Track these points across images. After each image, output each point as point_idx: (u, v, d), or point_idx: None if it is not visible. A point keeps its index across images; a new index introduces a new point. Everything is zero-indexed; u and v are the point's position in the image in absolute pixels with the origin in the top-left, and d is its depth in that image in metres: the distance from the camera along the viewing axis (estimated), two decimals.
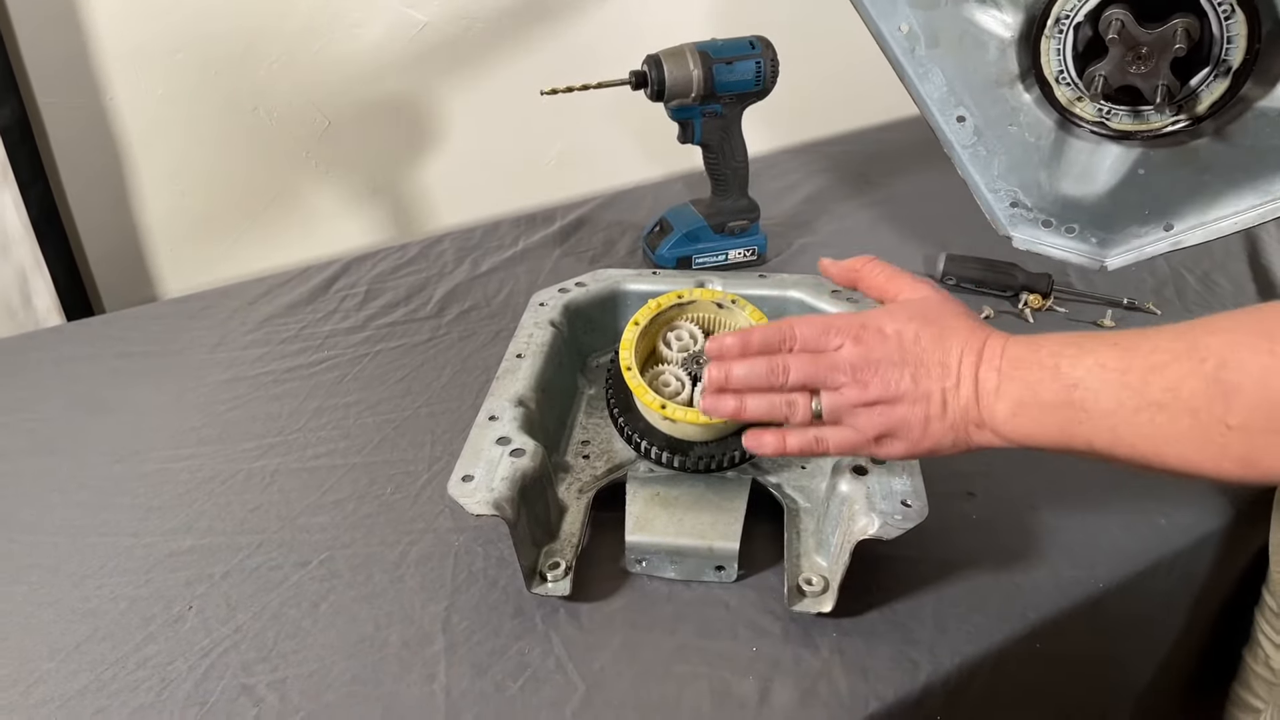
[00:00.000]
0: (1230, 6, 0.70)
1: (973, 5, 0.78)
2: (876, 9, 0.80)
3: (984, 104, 0.82)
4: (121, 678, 0.61)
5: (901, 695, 0.59)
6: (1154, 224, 0.82)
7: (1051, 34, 0.74)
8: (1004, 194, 0.84)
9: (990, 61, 0.79)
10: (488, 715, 0.57)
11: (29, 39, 0.98)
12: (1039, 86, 0.78)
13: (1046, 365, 0.50)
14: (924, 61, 0.81)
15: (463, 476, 0.63)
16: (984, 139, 0.82)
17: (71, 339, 0.98)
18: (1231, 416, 0.42)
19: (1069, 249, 0.84)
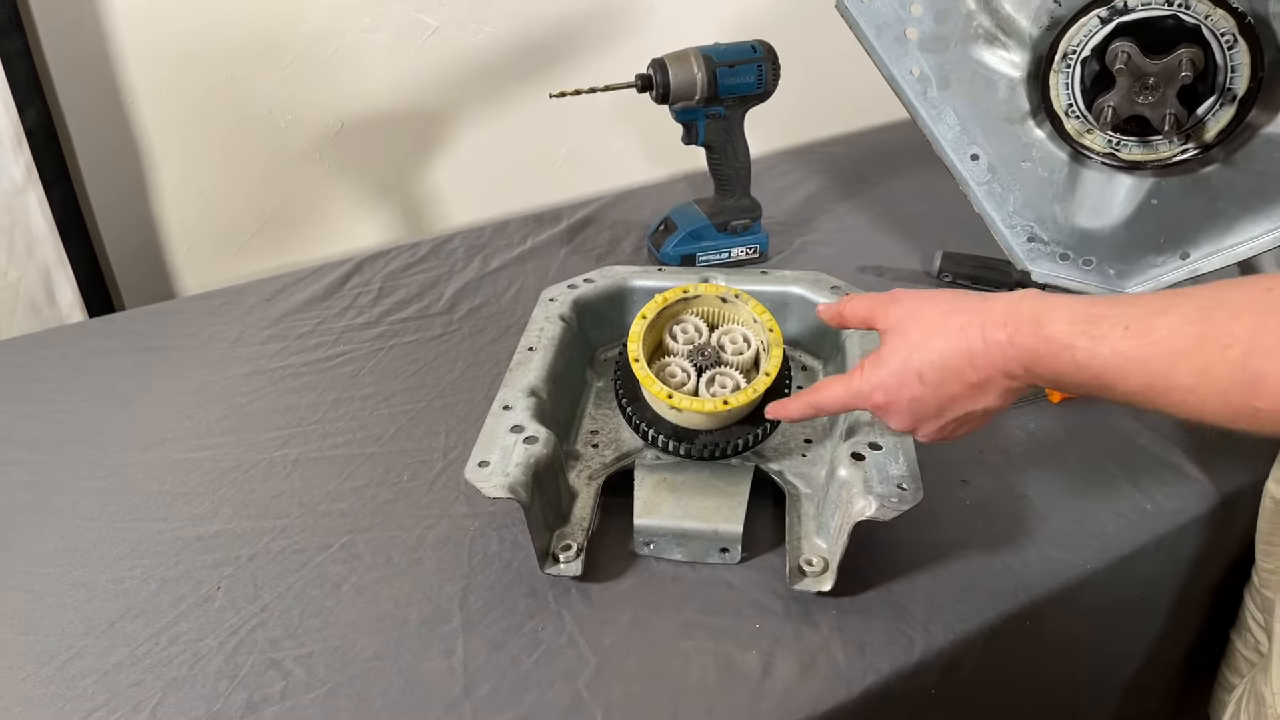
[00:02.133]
0: (1233, 36, 0.72)
1: (981, 47, 0.80)
2: (888, 54, 0.82)
3: (997, 141, 0.83)
4: (155, 653, 0.64)
5: (897, 669, 0.62)
6: (1170, 253, 0.83)
7: (1059, 69, 0.76)
8: (1021, 229, 0.85)
9: (1001, 100, 0.81)
10: (504, 687, 0.61)
11: (52, 44, 1.02)
12: (1050, 122, 0.80)
13: (1064, 359, 0.50)
14: (936, 103, 0.83)
15: (479, 462, 0.66)
16: (998, 176, 0.84)
17: (95, 334, 1.01)
18: (1259, 400, 0.43)
19: (1087, 282, 0.85)
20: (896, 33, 0.82)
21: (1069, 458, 0.79)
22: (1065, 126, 0.79)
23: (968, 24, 0.79)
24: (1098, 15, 0.73)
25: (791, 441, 0.77)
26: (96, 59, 1.05)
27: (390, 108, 1.22)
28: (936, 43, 0.81)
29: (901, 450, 0.66)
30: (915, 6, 0.80)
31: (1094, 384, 0.49)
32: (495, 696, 0.60)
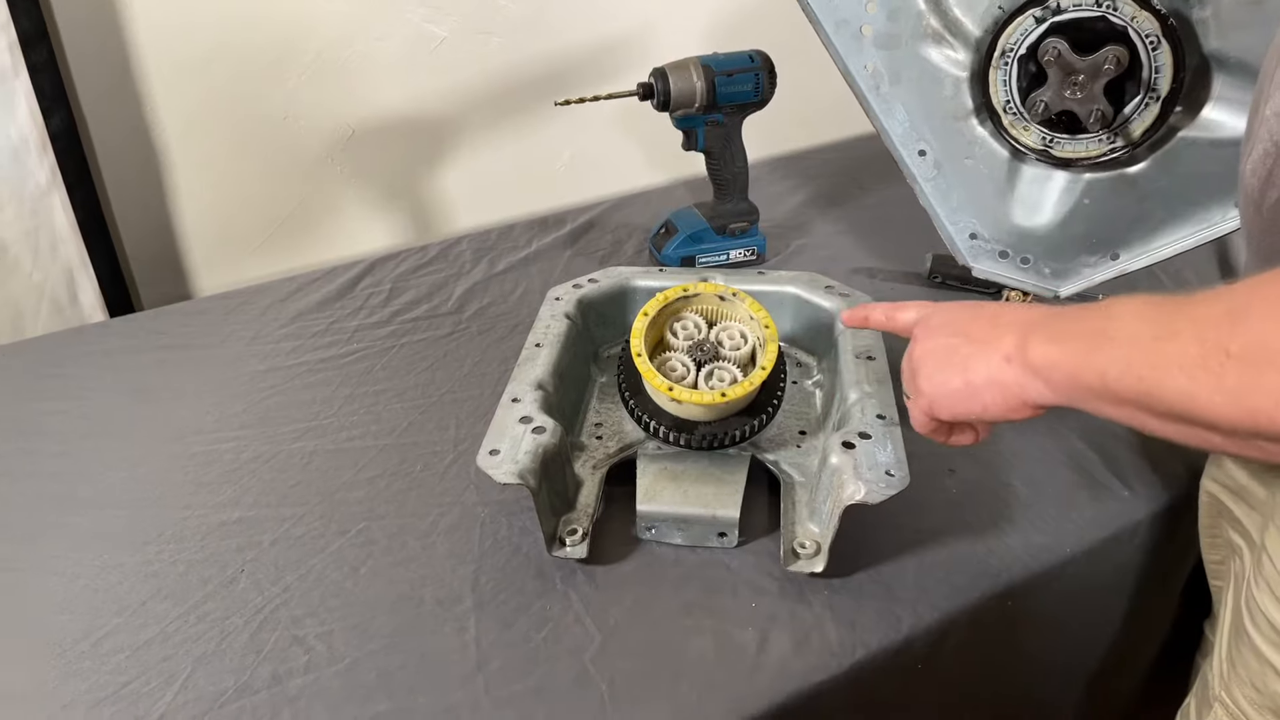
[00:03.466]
0: (1157, 38, 0.76)
1: (930, 46, 0.84)
2: (845, 49, 0.85)
3: (943, 137, 0.87)
4: (184, 630, 0.67)
5: (886, 645, 0.66)
6: (1101, 253, 0.88)
7: (998, 65, 0.80)
8: (963, 225, 0.89)
9: (947, 97, 0.85)
10: (515, 661, 0.64)
11: (76, 54, 1.05)
12: (990, 120, 0.84)
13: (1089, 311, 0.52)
14: (888, 98, 0.86)
15: (490, 451, 0.70)
16: (943, 171, 0.88)
17: (117, 333, 1.05)
18: (1234, 342, 0.43)
19: (1024, 280, 0.89)
20: (853, 29, 0.85)
21: (1051, 449, 0.83)
22: (1004, 123, 0.83)
23: (918, 23, 0.83)
24: (1033, 15, 0.77)
25: (787, 433, 0.80)
26: (117, 68, 1.08)
27: (400, 115, 1.26)
28: (889, 40, 0.85)
29: (890, 439, 0.70)
30: (871, 5, 0.83)
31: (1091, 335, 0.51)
32: (506, 670, 0.64)
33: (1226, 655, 0.64)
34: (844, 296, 0.88)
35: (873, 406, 0.73)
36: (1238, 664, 0.63)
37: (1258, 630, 0.60)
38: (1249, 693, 0.61)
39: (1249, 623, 0.61)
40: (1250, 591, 0.62)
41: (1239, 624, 0.63)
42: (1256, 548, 0.63)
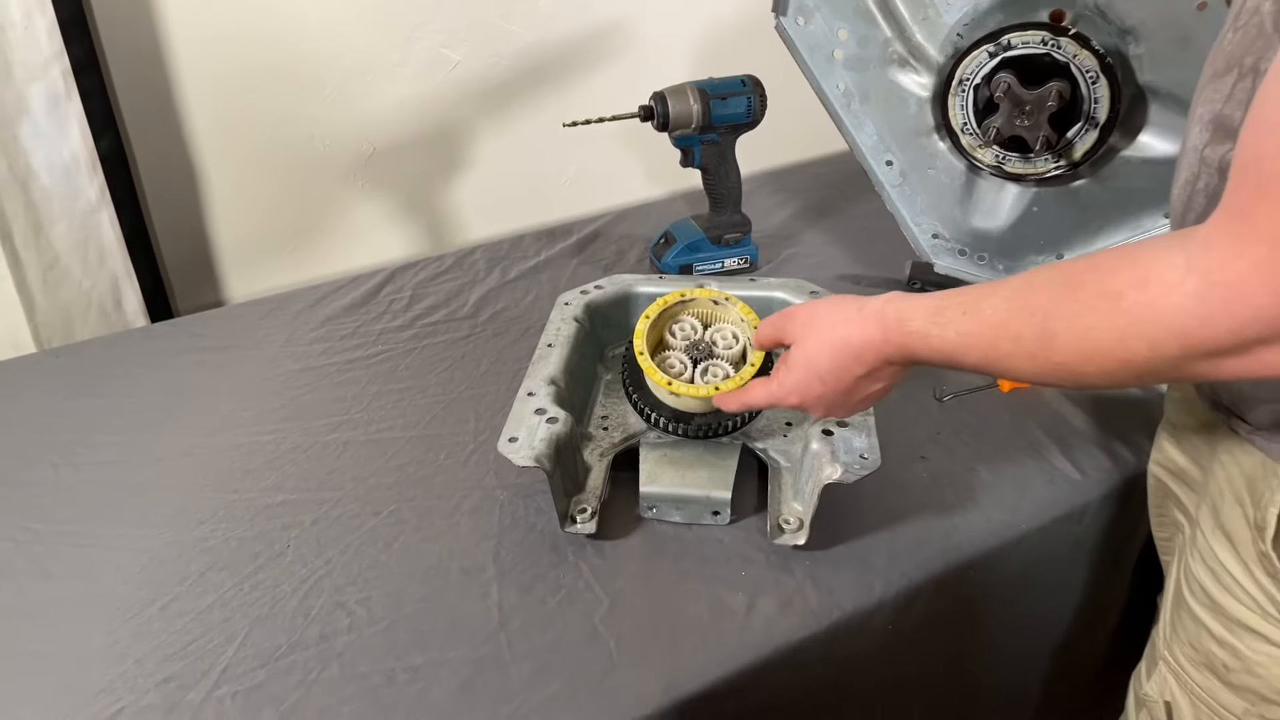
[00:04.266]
0: (1096, 73, 0.86)
1: (896, 69, 0.92)
2: (818, 71, 0.94)
3: (907, 151, 0.96)
4: (240, 597, 0.76)
5: (859, 607, 0.75)
6: (1048, 253, 0.96)
7: (956, 92, 0.89)
8: (926, 227, 0.98)
9: (911, 115, 0.94)
10: (533, 622, 0.73)
11: (123, 81, 1.15)
12: (950, 137, 0.93)
13: (924, 346, 0.62)
14: (858, 115, 0.95)
15: (509, 439, 0.78)
16: (908, 180, 0.96)
17: (159, 337, 1.14)
18: (1055, 355, 0.55)
19: (979, 275, 0.98)
20: (826, 53, 0.93)
21: (1013, 437, 0.92)
22: (961, 141, 0.92)
23: (885, 49, 0.91)
24: (987, 50, 0.86)
25: (774, 424, 0.89)
26: (160, 94, 1.18)
27: (418, 133, 1.35)
28: (859, 63, 0.93)
29: (864, 429, 0.79)
30: (842, 31, 0.92)
31: (949, 362, 0.62)
32: (526, 629, 0.72)
33: (1169, 620, 0.73)
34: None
35: None
36: (1178, 627, 0.71)
37: (1194, 597, 0.68)
38: (1187, 651, 0.70)
39: (1186, 591, 0.70)
40: (1187, 562, 0.70)
41: (1179, 592, 0.71)
42: (1194, 524, 0.71)
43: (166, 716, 0.67)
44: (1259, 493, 0.63)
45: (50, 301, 1.14)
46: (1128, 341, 0.51)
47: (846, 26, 0.91)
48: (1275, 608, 0.62)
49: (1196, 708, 0.69)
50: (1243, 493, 0.64)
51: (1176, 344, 0.49)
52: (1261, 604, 0.63)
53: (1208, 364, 0.49)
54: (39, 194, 1.09)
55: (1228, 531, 0.65)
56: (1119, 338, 0.51)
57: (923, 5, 0.87)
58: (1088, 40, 0.85)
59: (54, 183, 1.10)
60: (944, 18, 0.87)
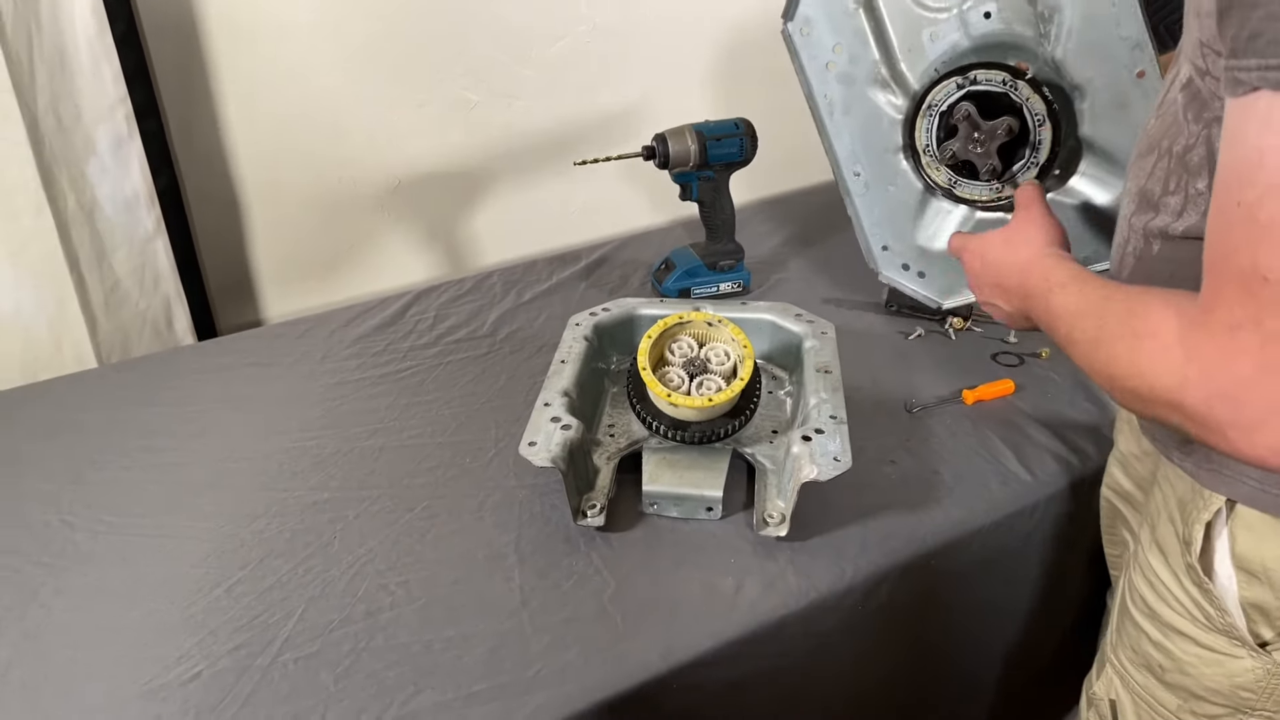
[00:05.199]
0: (1043, 117, 0.97)
1: (877, 89, 1.02)
2: (814, 77, 1.03)
3: (875, 165, 1.05)
4: (295, 580, 0.87)
5: (833, 589, 0.86)
6: None
7: (925, 115, 1.00)
8: (878, 238, 1.08)
9: (884, 133, 1.03)
10: (550, 601, 0.84)
11: (177, 124, 1.27)
12: (913, 159, 1.03)
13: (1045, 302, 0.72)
14: (838, 124, 1.04)
15: (529, 443, 0.90)
16: (870, 191, 1.06)
17: (209, 353, 1.26)
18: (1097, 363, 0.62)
19: (918, 289, 1.08)
20: (821, 63, 1.02)
21: (973, 444, 1.03)
22: (922, 161, 1.02)
23: (873, 69, 1.01)
24: (955, 81, 0.97)
25: (762, 431, 1.00)
26: (210, 136, 1.30)
27: (439, 167, 1.47)
28: (847, 78, 1.02)
29: (839, 434, 0.90)
30: (838, 47, 1.01)
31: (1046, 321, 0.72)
32: (544, 607, 0.84)
33: (1115, 626, 0.82)
34: (810, 323, 1.09)
35: (827, 409, 0.94)
36: (1122, 632, 0.80)
37: (1135, 605, 0.78)
38: (1129, 654, 0.79)
39: (1129, 600, 0.79)
40: (1130, 575, 0.80)
41: (1124, 602, 0.80)
42: (1137, 541, 0.81)
43: (239, 678, 0.78)
44: (1188, 513, 0.70)
45: (111, 321, 1.26)
46: (1133, 378, 0.57)
47: (843, 43, 1.00)
48: (1201, 614, 0.70)
49: (1137, 705, 0.78)
50: (1175, 513, 0.72)
51: (1163, 395, 0.55)
52: (1190, 610, 0.71)
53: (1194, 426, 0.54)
54: (103, 225, 1.22)
55: (1162, 547, 0.74)
56: (1128, 372, 0.58)
57: (911, 37, 0.97)
58: (1040, 86, 0.97)
59: (116, 214, 1.22)
60: (927, 52, 0.97)
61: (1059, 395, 1.11)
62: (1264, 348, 0.48)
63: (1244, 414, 0.50)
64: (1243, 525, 0.67)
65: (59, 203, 1.17)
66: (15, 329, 1.20)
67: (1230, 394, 0.50)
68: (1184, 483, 0.71)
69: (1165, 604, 0.74)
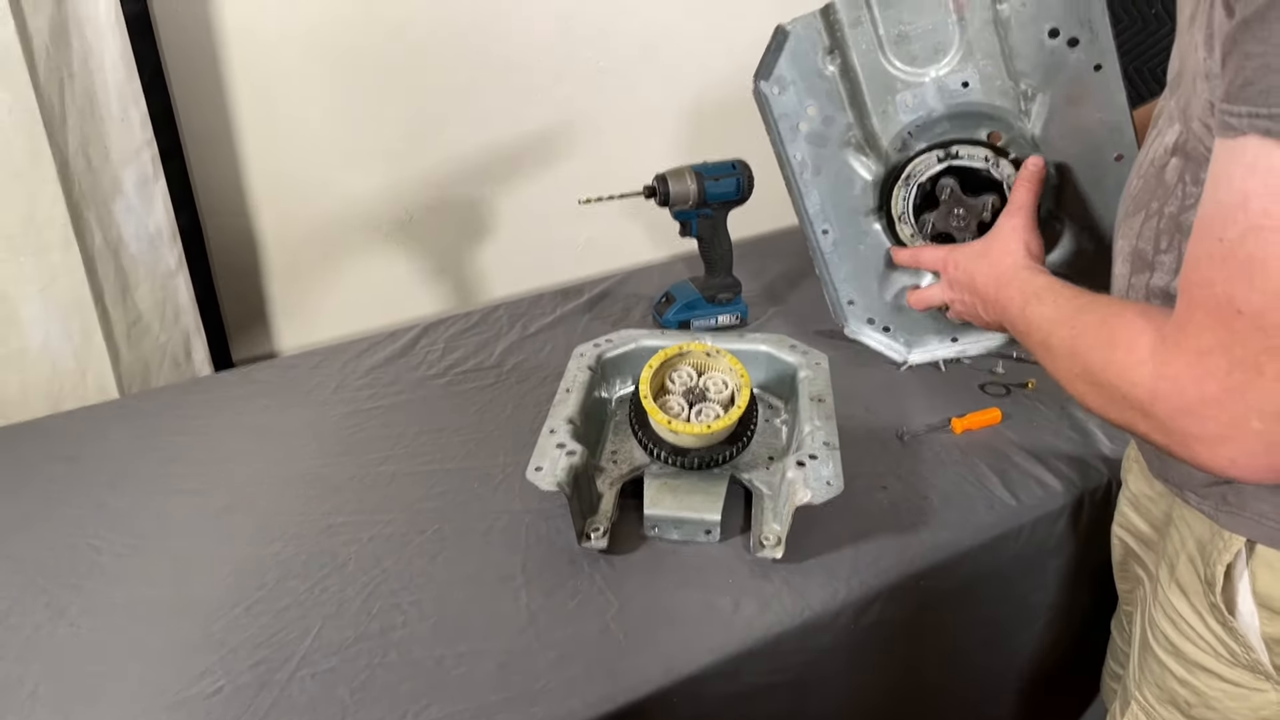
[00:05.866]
0: None
1: (850, 151, 1.01)
2: (784, 137, 1.01)
3: (844, 225, 1.05)
4: (312, 599, 0.91)
5: (826, 608, 0.90)
6: (945, 335, 1.08)
7: (902, 185, 1.00)
8: (845, 293, 1.09)
9: (855, 195, 1.03)
10: (556, 620, 0.88)
11: (199, 165, 1.33)
12: (885, 220, 1.03)
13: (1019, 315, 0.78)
14: (808, 184, 1.03)
15: (535, 468, 0.94)
16: (839, 249, 1.06)
17: (226, 384, 1.31)
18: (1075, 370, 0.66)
19: (883, 344, 1.10)
20: (793, 123, 1.01)
21: (962, 471, 1.08)
22: (896, 228, 1.02)
23: (845, 132, 1.00)
24: (936, 155, 0.98)
25: (759, 458, 1.05)
26: (230, 177, 1.36)
27: (449, 204, 1.53)
28: (819, 139, 1.01)
29: (832, 460, 0.94)
30: (811, 108, 1.00)
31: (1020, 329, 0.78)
32: (550, 625, 0.88)
33: (1138, 663, 0.85)
34: (804, 354, 1.13)
35: (820, 436, 0.98)
36: (1145, 670, 0.83)
37: (1157, 643, 0.81)
38: (1154, 690, 0.82)
39: (1151, 638, 0.82)
40: (1151, 613, 0.82)
41: (1145, 639, 0.83)
42: (1154, 579, 0.84)
43: (259, 693, 0.82)
44: (1209, 553, 0.72)
45: (132, 353, 1.31)
46: (1105, 387, 0.61)
47: (816, 105, 0.99)
48: (1226, 650, 0.73)
49: None
50: (1194, 553, 0.75)
51: (1134, 404, 0.59)
52: (1214, 647, 0.74)
53: (1160, 435, 0.58)
54: (127, 260, 1.27)
55: (1184, 586, 0.76)
56: (1101, 380, 0.62)
57: (884, 101, 0.97)
58: (1019, 165, 0.98)
59: (140, 251, 1.27)
60: (900, 116, 0.97)
61: (1044, 424, 1.16)
62: (1230, 373, 0.53)
63: (1208, 429, 0.55)
64: (1263, 564, 0.69)
65: (86, 239, 1.22)
66: (43, 360, 1.25)
67: (1197, 411, 0.55)
68: (1202, 524, 0.74)
69: (1189, 641, 0.76)
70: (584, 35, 1.53)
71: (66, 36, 1.15)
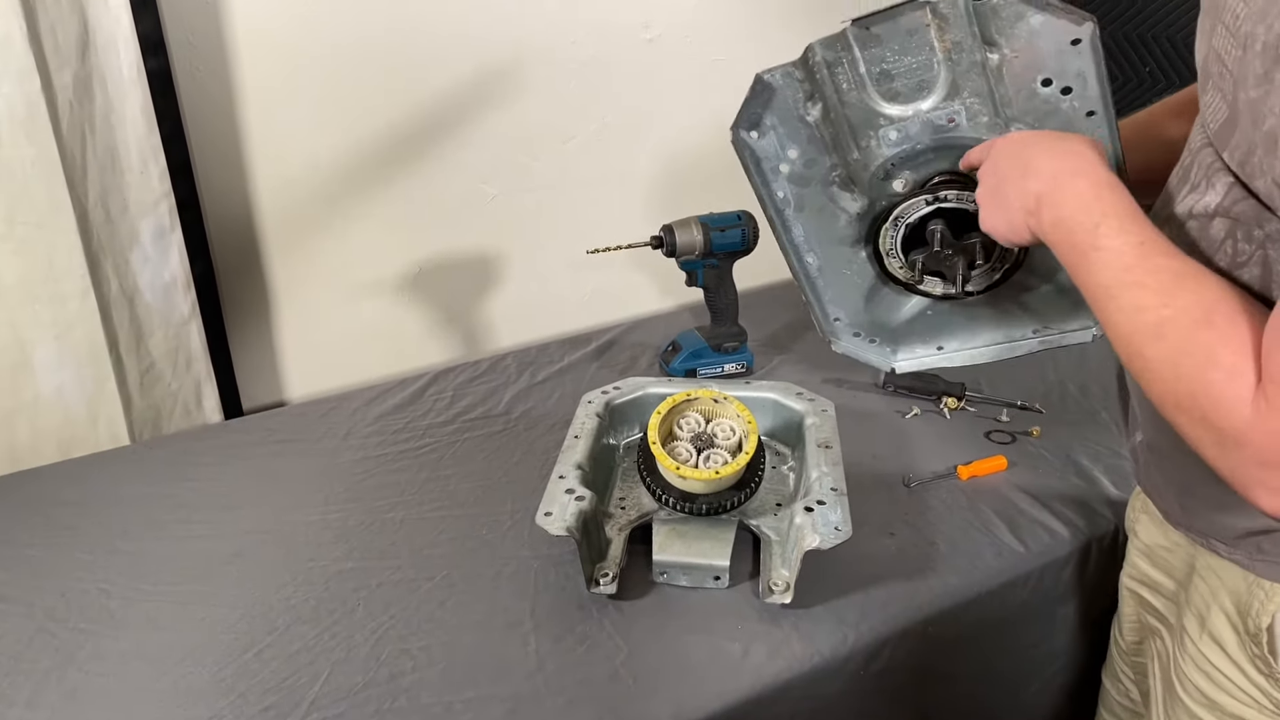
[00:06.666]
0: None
1: (835, 188, 1.01)
2: (763, 179, 1.01)
3: (829, 253, 1.05)
4: (321, 644, 0.92)
5: (835, 654, 0.90)
6: (931, 344, 1.09)
7: (890, 227, 1.00)
8: (831, 312, 1.09)
9: (840, 227, 1.03)
10: (565, 665, 0.88)
11: (214, 216, 1.35)
12: (872, 250, 1.03)
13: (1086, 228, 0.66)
14: (791, 219, 1.04)
15: (544, 513, 0.95)
16: (824, 274, 1.07)
17: (236, 431, 1.32)
18: (1147, 350, 0.60)
19: (872, 354, 1.10)
20: (773, 165, 1.01)
21: (969, 517, 1.08)
22: (884, 260, 1.02)
23: (828, 172, 1.00)
24: (924, 199, 0.97)
25: (767, 504, 1.05)
26: (243, 229, 1.38)
27: (458, 255, 1.55)
28: (801, 180, 1.01)
29: (840, 505, 0.95)
30: (791, 151, 0.99)
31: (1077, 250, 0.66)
32: (560, 671, 0.88)
33: (1164, 716, 0.83)
34: (811, 401, 1.15)
35: (828, 481, 0.99)
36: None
37: (1189, 697, 0.79)
38: None
39: (1181, 691, 0.80)
40: (1178, 666, 0.81)
41: (1171, 692, 0.82)
42: (1175, 630, 0.83)
43: None
44: (1247, 605, 0.71)
45: (144, 401, 1.32)
46: (1194, 401, 0.58)
47: (797, 149, 0.99)
48: (1270, 701, 0.72)
49: None
50: (1227, 604, 0.74)
51: (1217, 431, 0.56)
52: (1256, 699, 0.73)
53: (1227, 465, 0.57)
54: (142, 309, 1.29)
55: (1218, 638, 0.75)
56: (1190, 391, 0.58)
57: (866, 136, 0.95)
58: None
59: (155, 300, 1.29)
60: (883, 150, 0.95)
61: (1050, 471, 1.16)
62: None
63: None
64: None
65: (103, 288, 1.24)
66: (56, 408, 1.27)
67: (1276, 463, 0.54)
68: (1234, 574, 0.73)
69: (1226, 694, 0.75)
70: (589, 89, 1.57)
71: (90, 92, 1.18)
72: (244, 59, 1.30)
